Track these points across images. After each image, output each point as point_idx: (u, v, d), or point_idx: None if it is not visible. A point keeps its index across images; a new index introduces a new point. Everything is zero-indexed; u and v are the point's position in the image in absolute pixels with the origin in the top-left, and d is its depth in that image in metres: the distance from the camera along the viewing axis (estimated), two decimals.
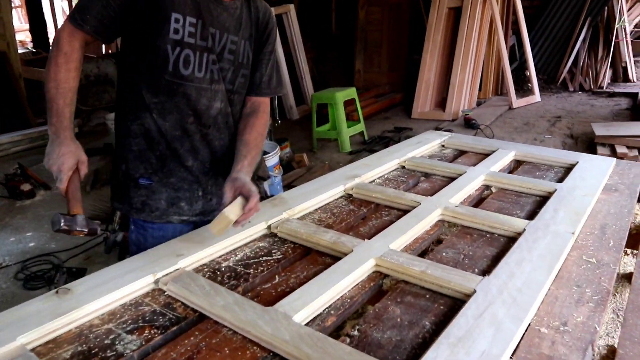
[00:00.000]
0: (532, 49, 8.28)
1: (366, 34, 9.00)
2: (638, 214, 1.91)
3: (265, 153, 5.24)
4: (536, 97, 8.04)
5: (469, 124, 6.49)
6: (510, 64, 8.18)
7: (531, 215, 1.69)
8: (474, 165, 2.19)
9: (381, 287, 1.33)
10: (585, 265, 1.39)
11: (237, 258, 1.46)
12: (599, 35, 8.42)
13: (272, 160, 5.06)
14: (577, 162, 2.17)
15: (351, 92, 6.47)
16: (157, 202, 1.60)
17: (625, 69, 8.83)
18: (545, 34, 8.79)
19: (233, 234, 1.50)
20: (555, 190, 1.85)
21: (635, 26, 9.59)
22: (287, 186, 5.21)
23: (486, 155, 2.36)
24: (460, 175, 2.06)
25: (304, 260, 1.45)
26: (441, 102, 7.64)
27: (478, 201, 1.92)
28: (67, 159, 1.35)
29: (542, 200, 1.83)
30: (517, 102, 7.70)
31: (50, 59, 1.39)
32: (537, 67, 8.56)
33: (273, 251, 1.50)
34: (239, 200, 1.41)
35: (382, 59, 9.02)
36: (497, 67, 8.28)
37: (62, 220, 1.30)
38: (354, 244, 1.44)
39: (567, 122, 6.73)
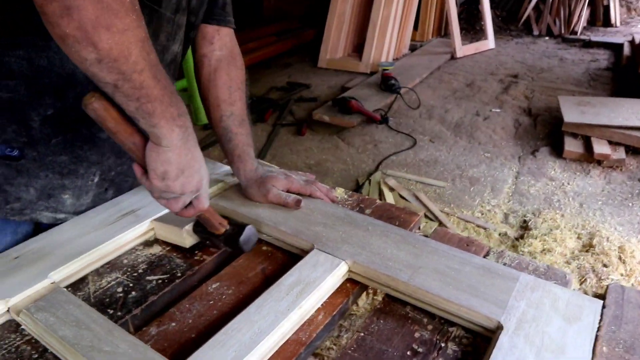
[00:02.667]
0: None
1: None
2: None
3: None
4: (489, 42, 6.01)
5: (387, 85, 4.45)
6: None
7: None
8: None
9: None
10: None
11: None
12: None
13: None
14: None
15: None
16: (22, 190, 1.02)
17: (607, 8, 6.80)
18: None
19: None
20: None
21: None
22: None
23: None
24: None
25: None
26: (358, 47, 5.52)
27: None
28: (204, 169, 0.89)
29: None
30: (462, 50, 5.66)
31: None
32: (494, 0, 6.46)
33: None
34: None
35: None
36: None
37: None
38: None
39: (525, 86, 4.76)
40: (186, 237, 1.00)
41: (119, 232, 1.01)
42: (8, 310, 0.85)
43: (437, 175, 3.26)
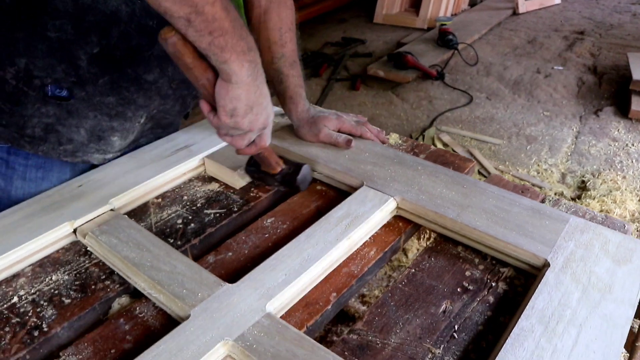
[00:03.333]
0: None
1: None
2: None
3: None
4: None
5: (445, 41, 4.33)
6: None
7: None
8: None
9: None
10: None
11: None
12: None
13: None
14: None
15: None
16: (73, 132, 1.02)
17: None
18: None
19: None
20: None
21: None
22: None
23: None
24: None
25: None
26: (416, 1, 5.37)
27: None
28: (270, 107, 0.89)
29: None
30: (525, 5, 5.42)
31: None
32: None
33: None
34: None
35: None
36: None
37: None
38: None
39: (592, 43, 4.53)
40: (238, 179, 1.04)
41: (173, 165, 1.06)
42: (74, 232, 0.91)
43: (492, 133, 3.19)
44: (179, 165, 1.07)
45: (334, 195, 1.02)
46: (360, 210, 0.90)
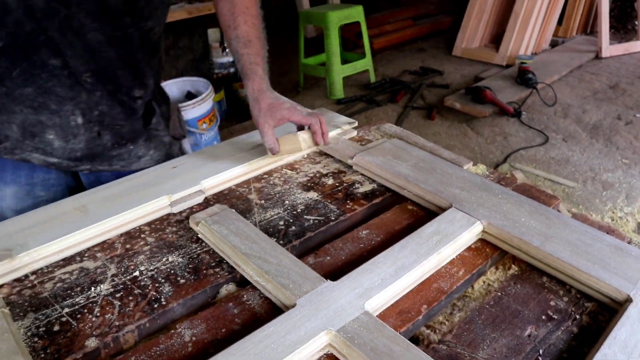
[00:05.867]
0: None
1: None
2: None
3: (190, 96, 3.47)
4: None
5: (524, 79, 4.33)
6: None
7: None
8: None
9: None
10: None
11: None
12: None
13: (200, 108, 3.27)
14: None
15: (354, 13, 4.42)
16: (6, 128, 1.08)
17: None
18: None
19: None
20: None
21: None
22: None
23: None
24: None
25: None
26: (496, 38, 5.38)
27: None
28: None
29: None
30: (609, 49, 5.32)
31: None
32: None
33: None
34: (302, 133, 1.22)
35: None
36: None
37: None
38: None
39: None
40: (301, 142, 1.21)
41: (255, 157, 1.23)
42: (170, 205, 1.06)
43: (567, 175, 3.15)
44: (262, 157, 1.23)
45: (423, 214, 1.09)
46: (449, 229, 0.96)
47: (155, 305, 0.85)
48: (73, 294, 0.87)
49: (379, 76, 4.79)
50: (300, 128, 1.25)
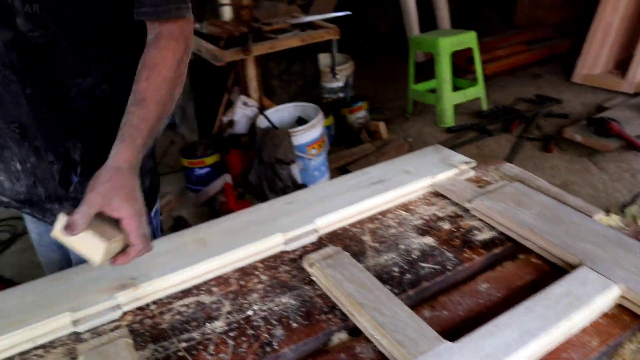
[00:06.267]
0: None
1: None
2: None
3: (300, 121, 3.56)
4: None
5: None
6: None
7: None
8: None
9: None
10: None
11: None
12: None
13: (310, 134, 3.36)
14: None
15: (466, 39, 4.33)
16: None
17: None
18: None
19: None
20: None
21: None
22: (341, 169, 3.51)
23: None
24: None
25: None
26: (622, 63, 5.01)
27: None
28: None
29: None
30: None
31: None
32: None
33: None
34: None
35: None
36: None
37: None
38: None
39: None
40: (103, 254, 0.86)
41: (369, 197, 1.22)
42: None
43: None
44: (374, 196, 1.22)
45: (547, 270, 1.01)
46: (581, 292, 0.88)
47: (268, 349, 0.85)
48: (189, 328, 0.90)
49: (490, 103, 4.62)
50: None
